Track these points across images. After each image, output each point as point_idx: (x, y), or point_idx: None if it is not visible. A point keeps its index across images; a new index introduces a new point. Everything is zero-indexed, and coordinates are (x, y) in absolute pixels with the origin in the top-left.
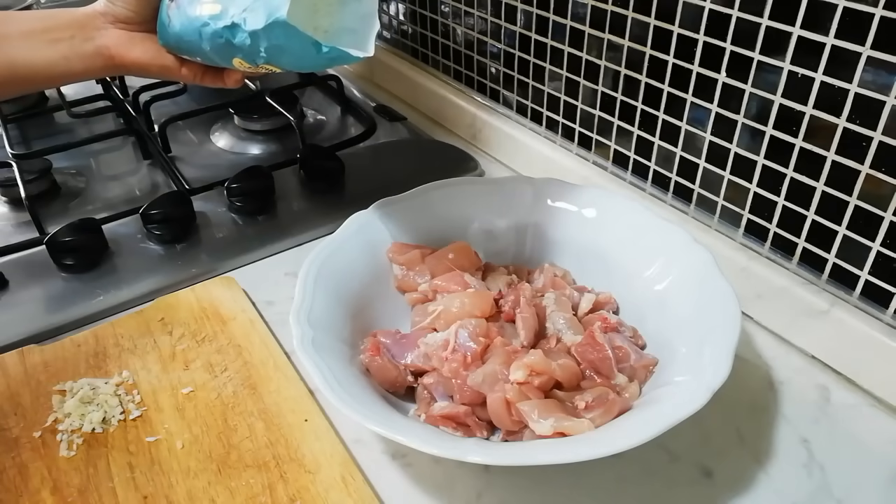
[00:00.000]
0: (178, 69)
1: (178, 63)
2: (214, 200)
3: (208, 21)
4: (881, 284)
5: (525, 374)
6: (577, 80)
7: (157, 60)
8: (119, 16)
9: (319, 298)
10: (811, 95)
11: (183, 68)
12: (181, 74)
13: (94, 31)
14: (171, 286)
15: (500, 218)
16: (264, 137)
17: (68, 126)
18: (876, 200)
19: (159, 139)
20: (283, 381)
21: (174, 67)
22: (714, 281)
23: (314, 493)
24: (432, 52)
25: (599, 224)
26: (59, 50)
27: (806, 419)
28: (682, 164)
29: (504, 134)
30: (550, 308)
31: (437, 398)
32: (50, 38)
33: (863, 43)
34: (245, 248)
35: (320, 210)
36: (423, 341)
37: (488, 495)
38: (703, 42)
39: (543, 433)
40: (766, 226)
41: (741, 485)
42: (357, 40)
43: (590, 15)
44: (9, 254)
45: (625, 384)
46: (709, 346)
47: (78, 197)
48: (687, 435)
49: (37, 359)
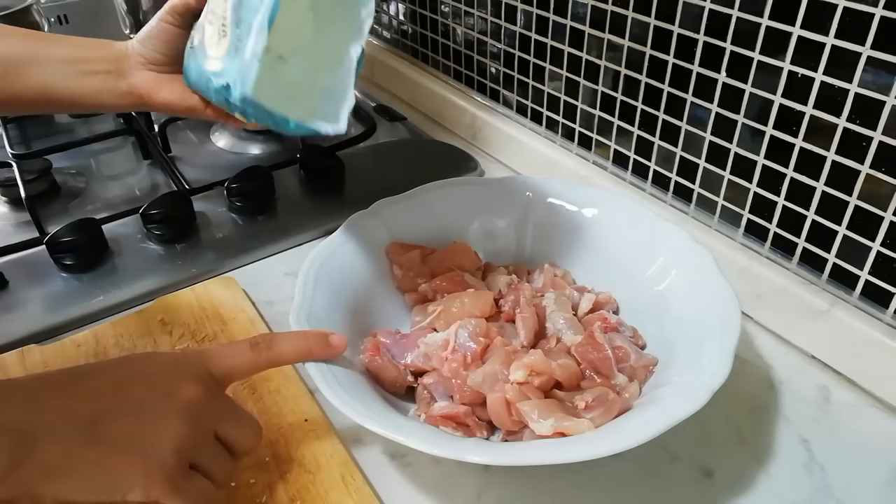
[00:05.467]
0: (203, 109)
1: (204, 104)
2: (214, 200)
3: (211, 77)
4: (881, 284)
5: (525, 374)
6: (577, 80)
7: (184, 102)
8: (149, 58)
9: (319, 298)
10: (811, 95)
11: (208, 109)
12: (206, 114)
13: (128, 71)
14: (171, 286)
15: (500, 218)
16: (264, 137)
17: (68, 126)
18: (876, 200)
19: (159, 139)
20: (282, 381)
21: (199, 108)
22: (714, 281)
23: (314, 493)
24: (432, 52)
25: (599, 224)
26: (93, 83)
27: (806, 419)
28: (682, 164)
29: (504, 134)
30: (550, 308)
31: (437, 398)
32: (86, 69)
33: (863, 43)
34: (245, 248)
35: (320, 210)
36: (423, 341)
37: (488, 495)
38: (703, 42)
39: (543, 433)
40: (766, 226)
41: (741, 485)
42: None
43: (590, 15)
44: (9, 254)
45: (625, 384)
46: (709, 346)
47: (78, 197)
48: (687, 435)
49: (37, 359)
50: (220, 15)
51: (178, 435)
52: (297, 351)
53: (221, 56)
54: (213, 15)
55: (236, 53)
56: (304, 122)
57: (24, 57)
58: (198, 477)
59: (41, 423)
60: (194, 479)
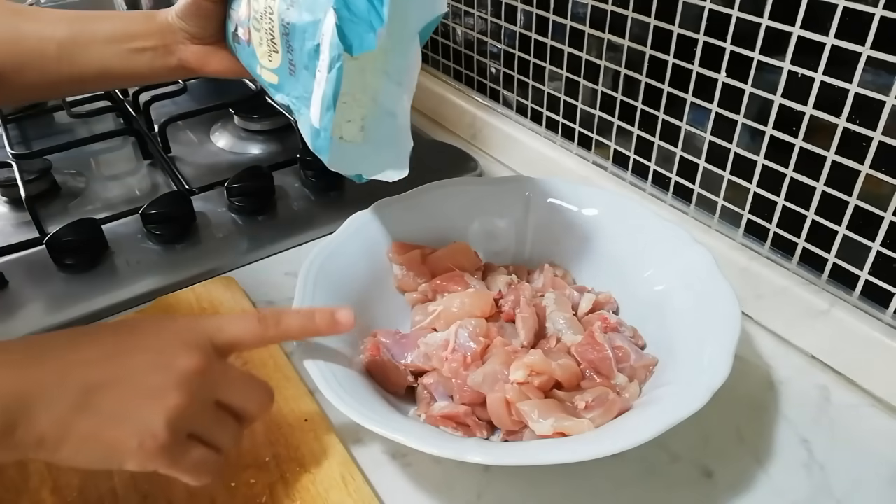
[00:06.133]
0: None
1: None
2: (214, 200)
3: (269, 87)
4: (881, 284)
5: (525, 374)
6: (577, 80)
7: (235, 70)
8: (193, 34)
9: (319, 298)
10: (811, 95)
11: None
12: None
13: (175, 45)
14: (171, 286)
15: (500, 218)
16: (264, 137)
17: (68, 126)
18: (876, 200)
19: (159, 139)
20: (283, 381)
21: (249, 75)
22: (714, 281)
23: (314, 493)
24: (432, 52)
25: (599, 224)
26: (144, 60)
27: (806, 419)
28: (682, 164)
29: (504, 134)
30: (550, 308)
31: (437, 398)
32: (135, 46)
33: (863, 43)
34: (245, 248)
35: (320, 210)
36: (423, 341)
37: (488, 495)
38: (703, 42)
39: (543, 433)
40: (766, 226)
41: (741, 485)
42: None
43: (590, 15)
44: (9, 254)
45: (625, 384)
46: (709, 346)
47: (78, 197)
48: (687, 435)
49: None
50: (267, 29)
51: (174, 407)
52: (305, 328)
53: (275, 69)
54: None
55: (294, 80)
56: (375, 175)
57: (76, 39)
58: (196, 447)
59: (34, 389)
60: (192, 448)
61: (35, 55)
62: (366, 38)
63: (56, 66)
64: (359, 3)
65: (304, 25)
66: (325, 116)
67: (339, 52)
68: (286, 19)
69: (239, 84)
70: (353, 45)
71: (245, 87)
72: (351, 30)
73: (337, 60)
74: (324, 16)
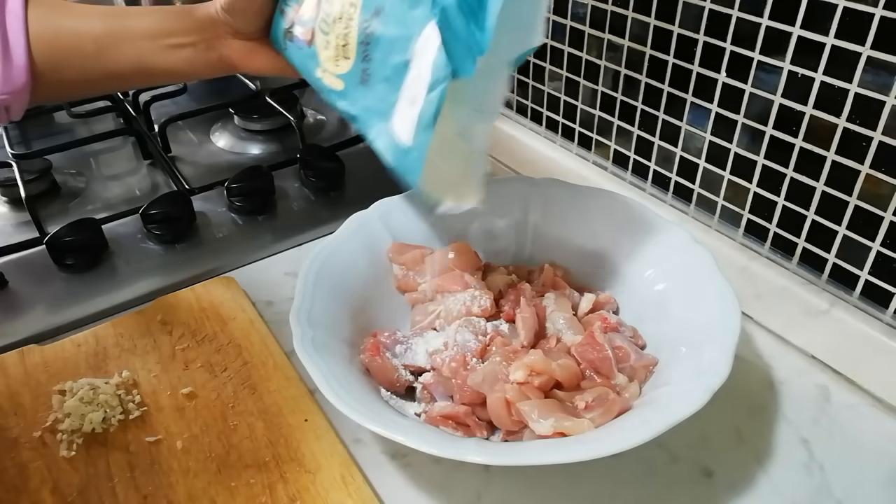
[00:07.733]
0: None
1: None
2: (214, 200)
3: (331, 94)
4: (881, 284)
5: (525, 374)
6: (577, 80)
7: (276, 68)
8: (240, 29)
9: (319, 298)
10: (811, 95)
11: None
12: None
13: (216, 41)
14: (171, 286)
15: (500, 218)
16: (264, 137)
17: (68, 126)
18: (876, 200)
19: (159, 139)
20: (282, 381)
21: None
22: (714, 281)
23: (314, 493)
24: None
25: (599, 224)
26: (183, 55)
27: (806, 419)
28: (682, 164)
29: (504, 134)
30: (550, 308)
31: (437, 398)
32: (173, 42)
33: (863, 43)
34: (245, 248)
35: (320, 210)
36: (423, 341)
37: (488, 495)
38: (703, 42)
39: (543, 433)
40: (766, 226)
41: (741, 485)
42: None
43: (590, 15)
44: (9, 254)
45: (625, 384)
46: (709, 346)
47: (78, 197)
48: (687, 435)
49: (37, 359)
50: (341, 34)
51: None
52: None
53: (342, 74)
54: (325, 24)
55: (365, 90)
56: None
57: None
58: None
59: None
60: None
61: (73, 51)
62: (465, 64)
63: (94, 63)
64: (459, 26)
65: (391, 38)
66: (420, 136)
67: (444, 73)
68: (369, 28)
69: (239, 84)
70: (458, 69)
71: (245, 87)
72: (454, 53)
73: (441, 82)
74: (417, 32)
